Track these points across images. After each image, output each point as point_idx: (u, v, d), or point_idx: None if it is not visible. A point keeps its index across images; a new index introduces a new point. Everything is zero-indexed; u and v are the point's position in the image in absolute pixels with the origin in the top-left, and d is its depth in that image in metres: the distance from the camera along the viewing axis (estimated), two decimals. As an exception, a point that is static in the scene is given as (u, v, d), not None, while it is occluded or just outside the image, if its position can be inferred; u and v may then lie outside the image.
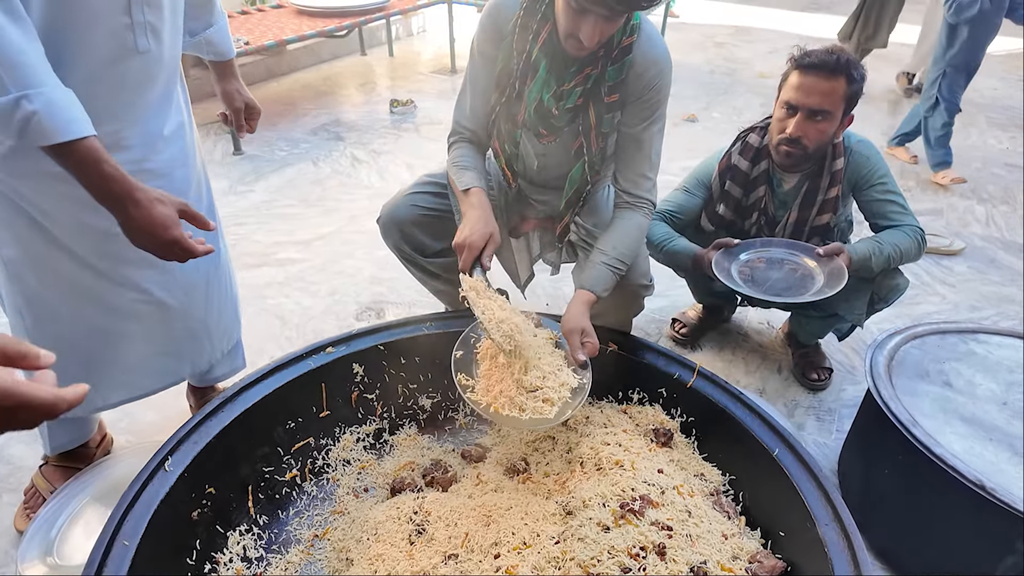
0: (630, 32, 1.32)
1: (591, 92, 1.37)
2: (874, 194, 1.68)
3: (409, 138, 3.65)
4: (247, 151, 3.38)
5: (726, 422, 1.34)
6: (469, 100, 1.50)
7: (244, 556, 1.23)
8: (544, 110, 1.39)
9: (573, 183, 1.49)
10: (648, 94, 1.37)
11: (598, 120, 1.39)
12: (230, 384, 1.37)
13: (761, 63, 5.35)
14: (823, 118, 1.58)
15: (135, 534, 1.04)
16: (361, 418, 1.53)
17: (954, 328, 1.59)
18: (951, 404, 1.36)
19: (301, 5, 4.02)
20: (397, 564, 1.14)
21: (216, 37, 1.39)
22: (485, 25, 1.42)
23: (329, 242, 2.61)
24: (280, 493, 1.38)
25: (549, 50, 1.34)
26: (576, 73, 1.35)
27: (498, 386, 1.26)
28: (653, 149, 1.44)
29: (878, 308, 1.75)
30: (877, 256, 1.62)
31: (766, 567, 1.12)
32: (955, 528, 1.26)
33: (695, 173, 1.87)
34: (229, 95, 1.49)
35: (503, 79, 1.42)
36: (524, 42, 1.36)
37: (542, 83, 1.37)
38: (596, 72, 1.34)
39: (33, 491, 1.46)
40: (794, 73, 1.60)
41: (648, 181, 1.46)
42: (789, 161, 1.66)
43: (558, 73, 1.36)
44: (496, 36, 1.41)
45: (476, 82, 1.48)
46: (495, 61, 1.41)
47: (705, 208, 1.84)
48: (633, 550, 1.05)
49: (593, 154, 1.44)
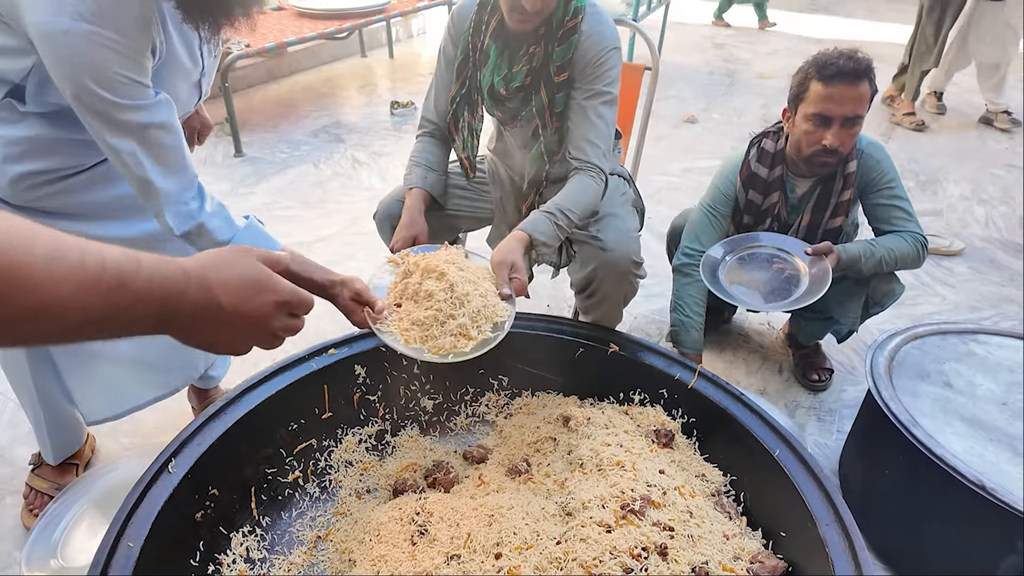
0: (574, 14, 1.39)
1: (540, 72, 1.44)
2: (881, 198, 1.68)
3: (410, 140, 3.63)
4: (248, 153, 3.39)
5: (727, 423, 1.35)
6: (434, 95, 1.61)
7: (247, 557, 1.24)
8: (496, 93, 1.48)
9: (534, 162, 1.54)
10: (593, 68, 1.43)
11: (550, 100, 1.45)
12: (232, 386, 1.38)
13: (760, 64, 5.36)
14: (856, 123, 1.59)
15: (139, 535, 1.04)
16: (363, 419, 1.53)
17: (954, 329, 1.60)
18: (951, 404, 1.37)
19: (301, 7, 4.03)
20: (400, 565, 1.15)
21: None
22: (448, 27, 1.55)
23: (330, 244, 2.62)
24: (283, 494, 1.38)
25: (499, 36, 1.44)
26: (524, 55, 1.44)
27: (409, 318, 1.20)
28: (600, 118, 1.46)
29: (873, 312, 1.76)
30: (868, 258, 1.62)
31: (767, 567, 1.13)
32: (956, 528, 1.27)
33: (719, 188, 1.83)
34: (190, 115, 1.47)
35: (462, 71, 1.52)
36: (479, 35, 1.46)
37: (493, 67, 1.47)
38: (539, 51, 1.42)
39: (33, 493, 1.48)
40: (817, 84, 1.57)
41: (594, 147, 1.46)
42: (824, 169, 1.66)
43: (509, 56, 1.46)
44: (457, 35, 1.53)
45: (440, 79, 1.59)
46: (455, 63, 1.53)
47: (732, 219, 1.83)
48: (635, 550, 1.06)
49: (549, 134, 1.50)
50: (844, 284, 1.73)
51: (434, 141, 1.62)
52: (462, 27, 1.51)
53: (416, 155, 1.59)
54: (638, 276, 1.58)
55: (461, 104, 1.54)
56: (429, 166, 1.57)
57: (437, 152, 1.61)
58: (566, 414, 1.48)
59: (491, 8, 1.44)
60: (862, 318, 1.76)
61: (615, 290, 1.60)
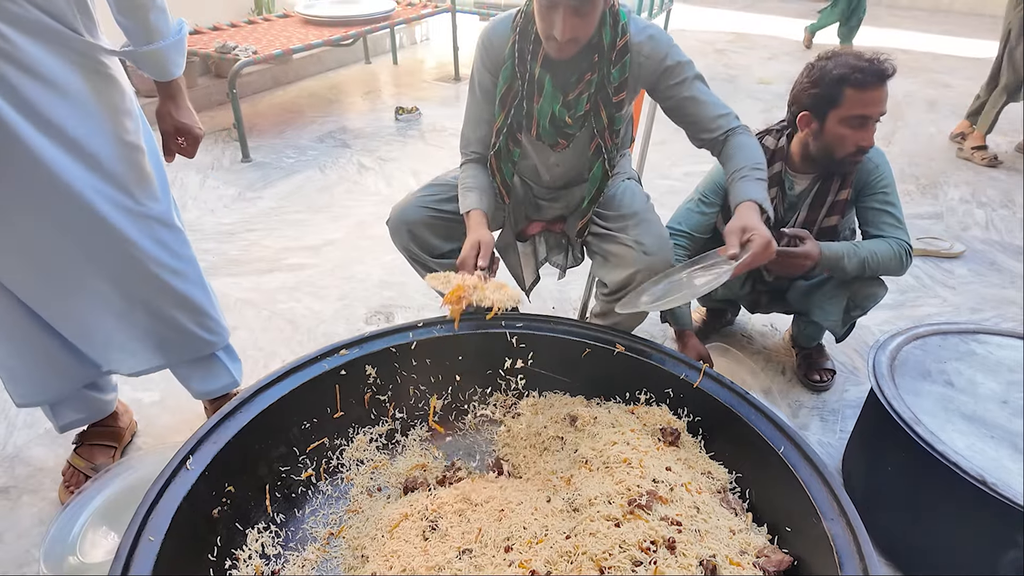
0: (622, 33, 1.38)
1: (598, 95, 1.43)
2: (874, 202, 1.70)
3: (415, 145, 3.69)
4: (255, 159, 3.43)
5: (732, 421, 1.37)
6: (474, 128, 1.60)
7: (263, 553, 1.26)
8: (558, 121, 1.47)
9: (595, 180, 1.56)
10: (666, 68, 1.43)
11: (610, 120, 1.46)
12: (246, 386, 1.41)
13: (760, 69, 5.40)
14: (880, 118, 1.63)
15: (160, 530, 1.07)
16: (374, 419, 1.56)
17: (955, 329, 1.62)
18: (953, 403, 1.39)
19: (307, 15, 4.08)
20: (412, 560, 1.17)
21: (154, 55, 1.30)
22: (481, 56, 1.51)
23: (338, 247, 2.65)
24: (296, 492, 1.41)
25: (550, 66, 1.42)
26: (578, 82, 1.42)
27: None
28: (707, 94, 1.48)
29: (854, 315, 1.77)
30: (851, 257, 1.62)
31: (773, 561, 1.15)
32: (958, 523, 1.29)
33: (714, 178, 1.88)
34: (160, 115, 1.41)
35: (507, 100, 1.49)
36: (524, 63, 1.44)
37: (551, 97, 1.44)
38: (596, 76, 1.41)
39: (71, 471, 1.53)
40: (852, 90, 1.57)
41: (724, 117, 1.48)
42: (855, 168, 1.69)
43: (563, 85, 1.43)
44: (493, 64, 1.49)
45: (477, 111, 1.57)
46: (495, 86, 1.50)
47: (722, 211, 1.86)
48: (644, 544, 1.08)
49: (610, 150, 1.52)
50: (826, 287, 1.75)
51: (479, 167, 1.61)
52: (498, 55, 1.47)
53: (467, 180, 1.58)
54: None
55: (506, 135, 1.53)
56: (482, 189, 1.56)
57: (483, 175, 1.60)
58: (573, 414, 1.50)
59: (535, 37, 1.40)
60: (843, 321, 1.77)
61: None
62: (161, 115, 1.40)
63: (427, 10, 4.55)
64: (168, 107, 1.40)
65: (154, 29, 1.27)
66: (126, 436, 1.64)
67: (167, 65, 1.34)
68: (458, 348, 1.49)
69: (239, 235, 2.70)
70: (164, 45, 1.30)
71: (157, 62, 1.32)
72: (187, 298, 1.45)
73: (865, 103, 1.58)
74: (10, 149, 1.13)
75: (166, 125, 1.41)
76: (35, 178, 1.16)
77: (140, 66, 1.32)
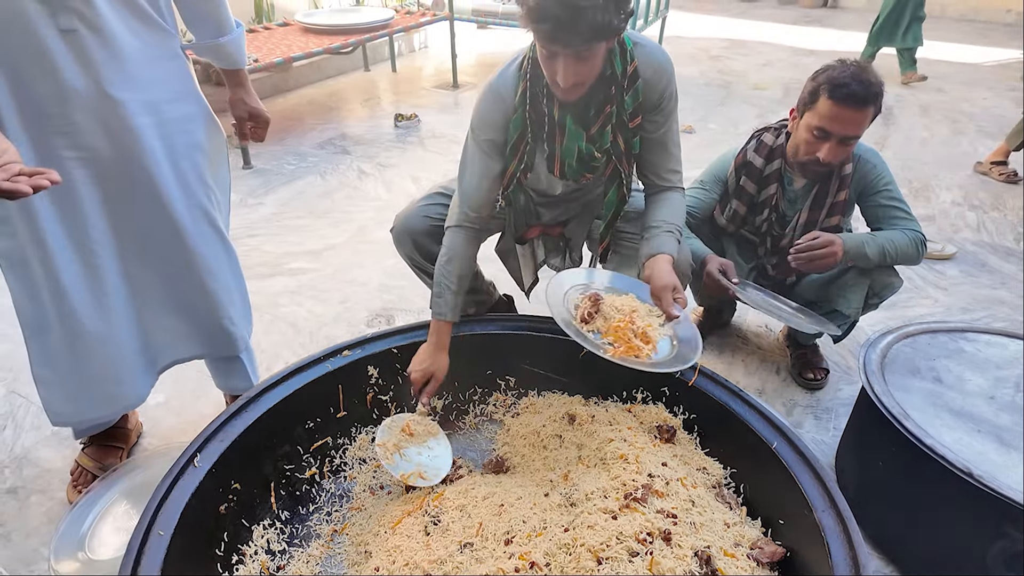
0: (631, 59, 1.36)
1: (617, 124, 1.42)
2: (879, 200, 1.75)
3: (414, 151, 3.73)
4: (256, 165, 3.46)
5: (727, 418, 1.40)
6: (477, 181, 1.48)
7: (268, 549, 1.29)
8: (585, 156, 1.44)
9: (611, 205, 1.54)
10: (663, 102, 1.43)
11: (627, 146, 1.45)
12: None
13: (755, 75, 5.46)
14: (852, 142, 1.64)
15: (169, 525, 1.10)
16: (376, 418, 1.59)
17: (944, 327, 1.66)
18: (941, 399, 1.42)
19: (307, 23, 4.13)
20: (415, 554, 1.20)
21: (226, 47, 1.42)
22: (489, 107, 1.43)
23: (339, 252, 2.69)
24: (300, 490, 1.43)
25: (568, 106, 1.38)
26: (597, 115, 1.40)
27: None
28: (675, 144, 1.51)
29: (872, 304, 1.81)
30: (871, 244, 1.67)
31: (767, 553, 1.18)
32: (946, 515, 1.32)
33: (712, 168, 1.94)
34: (233, 103, 1.53)
35: (519, 146, 1.45)
36: (538, 106, 1.39)
37: (574, 135, 1.41)
38: (615, 108, 1.39)
39: (79, 470, 1.56)
40: (827, 102, 1.60)
41: (676, 174, 1.53)
42: (814, 176, 1.73)
43: (583, 121, 1.41)
44: (502, 116, 1.42)
45: (481, 165, 1.47)
46: (503, 137, 1.44)
47: (720, 202, 1.90)
48: (640, 535, 1.11)
49: (625, 175, 1.50)
50: (847, 276, 1.79)
51: (469, 238, 1.52)
52: (507, 106, 1.41)
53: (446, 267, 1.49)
54: (689, 279, 1.64)
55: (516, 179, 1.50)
56: (459, 291, 1.50)
57: (470, 254, 1.53)
58: (571, 412, 1.53)
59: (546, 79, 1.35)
60: (863, 310, 1.82)
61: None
62: (234, 103, 1.53)
63: (425, 18, 4.61)
64: (240, 94, 1.52)
65: (225, 22, 1.40)
66: (133, 437, 1.67)
67: (238, 55, 1.46)
68: (458, 348, 1.52)
69: (241, 240, 2.73)
70: (236, 35, 1.43)
71: (230, 53, 1.44)
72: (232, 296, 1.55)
73: (831, 117, 1.60)
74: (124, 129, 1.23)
75: (240, 111, 1.54)
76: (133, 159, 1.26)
77: (214, 58, 1.44)
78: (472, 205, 1.49)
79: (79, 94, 1.15)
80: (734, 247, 1.96)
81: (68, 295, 1.30)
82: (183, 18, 1.39)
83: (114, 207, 1.30)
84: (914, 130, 4.33)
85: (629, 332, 1.34)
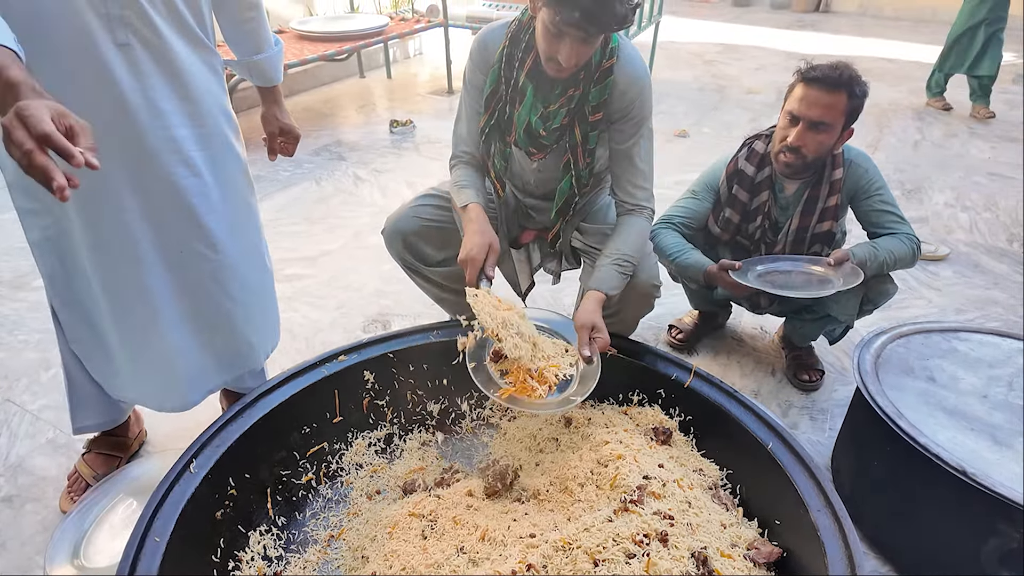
0: (610, 55, 1.41)
1: (576, 112, 1.46)
2: (872, 204, 1.76)
3: (409, 157, 3.74)
4: (252, 171, 3.45)
5: (723, 419, 1.41)
6: (465, 125, 1.61)
7: (265, 555, 1.29)
8: (533, 131, 1.49)
9: (562, 194, 1.58)
10: (632, 111, 1.46)
11: (584, 138, 1.48)
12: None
13: (749, 79, 5.50)
14: (823, 130, 1.65)
15: (165, 531, 1.09)
16: (372, 423, 1.59)
17: (937, 327, 1.67)
18: (935, 398, 1.43)
19: (301, 30, 4.14)
20: (412, 559, 1.20)
21: (262, 64, 1.46)
22: (474, 57, 1.54)
23: (334, 258, 2.69)
24: (297, 495, 1.43)
25: (534, 76, 1.44)
26: (560, 95, 1.45)
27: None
28: (643, 160, 1.53)
29: (867, 310, 1.83)
30: (872, 261, 1.70)
31: (763, 553, 1.18)
32: (941, 513, 1.32)
33: (704, 177, 1.94)
34: (266, 118, 1.57)
35: (491, 102, 1.52)
36: (511, 70, 1.47)
37: (530, 106, 1.47)
38: (579, 93, 1.43)
39: (76, 476, 1.56)
40: (799, 85, 1.67)
41: (642, 191, 1.55)
42: (788, 170, 1.74)
43: (544, 96, 1.46)
44: (484, 65, 1.52)
45: (469, 108, 1.59)
46: (483, 88, 1.52)
47: (713, 211, 1.91)
48: (637, 537, 1.11)
49: (580, 169, 1.53)
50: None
51: (470, 168, 1.61)
52: (489, 56, 1.50)
53: (459, 180, 1.58)
54: (656, 296, 1.65)
55: (491, 134, 1.57)
56: (477, 188, 1.56)
57: (476, 177, 1.61)
58: (567, 415, 1.54)
59: (525, 46, 1.43)
60: (858, 315, 1.83)
61: (635, 309, 1.67)
62: (267, 119, 1.57)
63: (420, 25, 4.63)
64: (273, 111, 1.56)
65: (263, 39, 1.43)
66: (133, 446, 1.66)
67: (273, 72, 1.50)
68: (454, 353, 1.52)
69: (237, 247, 2.73)
70: (273, 53, 1.46)
71: (266, 70, 1.48)
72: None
73: (799, 99, 1.66)
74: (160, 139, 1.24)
75: (271, 127, 1.57)
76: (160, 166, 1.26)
77: (249, 74, 1.46)
78: (466, 143, 1.61)
79: (130, 105, 1.18)
80: (728, 254, 1.97)
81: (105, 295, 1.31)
82: (224, 35, 1.41)
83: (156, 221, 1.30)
84: (907, 132, 4.36)
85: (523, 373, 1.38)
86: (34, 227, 1.27)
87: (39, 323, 2.16)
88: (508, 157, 1.60)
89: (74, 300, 1.35)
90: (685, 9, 8.61)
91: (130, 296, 1.32)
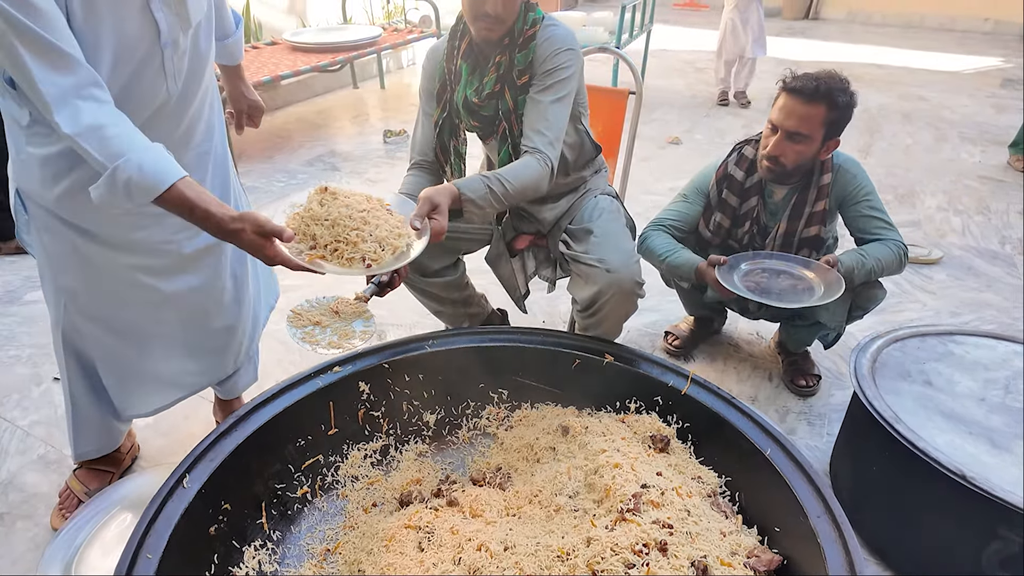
0: (532, 23, 1.51)
1: (505, 79, 1.54)
2: (860, 210, 1.77)
3: (403, 167, 3.70)
4: (246, 183, 3.46)
5: (720, 426, 1.40)
6: (420, 131, 1.71)
7: (260, 570, 1.27)
8: (470, 104, 1.58)
9: (503, 164, 1.61)
10: (550, 67, 1.53)
11: (515, 103, 1.56)
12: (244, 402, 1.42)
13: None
14: (799, 140, 1.66)
15: (158, 548, 1.07)
16: (368, 435, 1.57)
17: (933, 331, 1.67)
18: (932, 401, 1.43)
19: (295, 42, 4.15)
20: (409, 571, 1.18)
21: (230, 47, 1.52)
22: (425, 65, 1.67)
23: (329, 268, 2.68)
24: (292, 509, 1.41)
25: (469, 55, 1.57)
26: (490, 67, 1.54)
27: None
28: (549, 111, 1.53)
29: (856, 316, 1.83)
30: (860, 269, 1.70)
31: (763, 561, 1.17)
32: (940, 518, 1.32)
33: (694, 182, 1.96)
34: (234, 97, 1.62)
35: (441, 97, 1.62)
36: (452, 61, 1.59)
37: (465, 83, 1.57)
38: (505, 59, 1.52)
39: (68, 493, 1.54)
40: (781, 94, 1.69)
41: (541, 136, 1.52)
42: (771, 175, 1.76)
43: (480, 71, 1.56)
44: (432, 70, 1.64)
45: (423, 114, 1.69)
46: (433, 91, 1.63)
47: (703, 215, 1.92)
48: (636, 547, 1.10)
49: (516, 135, 1.59)
50: None
51: (422, 173, 1.70)
52: (437, 61, 1.62)
53: (405, 187, 1.67)
54: (639, 296, 1.64)
55: (444, 128, 1.64)
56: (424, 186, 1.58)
57: (425, 182, 1.67)
58: (565, 424, 1.53)
59: (460, 33, 1.57)
60: (847, 321, 1.83)
61: (618, 309, 1.66)
62: (235, 97, 1.63)
63: (413, 35, 4.65)
64: (240, 88, 1.61)
65: (228, 24, 1.49)
66: (126, 461, 1.65)
67: (238, 51, 1.56)
68: (450, 362, 1.52)
69: (231, 258, 2.72)
70: (239, 35, 1.52)
71: (233, 52, 1.54)
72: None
73: (778, 108, 1.68)
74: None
75: (240, 104, 1.63)
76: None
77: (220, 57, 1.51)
78: (419, 150, 1.71)
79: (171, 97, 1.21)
80: None
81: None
82: None
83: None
84: (897, 137, 4.39)
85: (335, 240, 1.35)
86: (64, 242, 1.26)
87: (30, 338, 2.14)
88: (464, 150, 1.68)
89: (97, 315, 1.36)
90: (676, 17, 8.68)
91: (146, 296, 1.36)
